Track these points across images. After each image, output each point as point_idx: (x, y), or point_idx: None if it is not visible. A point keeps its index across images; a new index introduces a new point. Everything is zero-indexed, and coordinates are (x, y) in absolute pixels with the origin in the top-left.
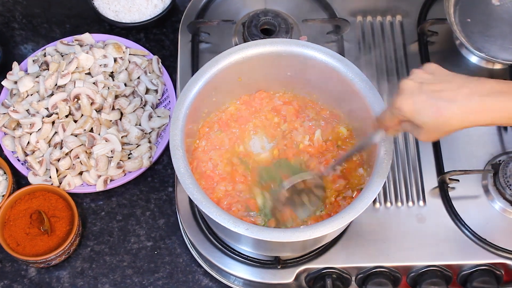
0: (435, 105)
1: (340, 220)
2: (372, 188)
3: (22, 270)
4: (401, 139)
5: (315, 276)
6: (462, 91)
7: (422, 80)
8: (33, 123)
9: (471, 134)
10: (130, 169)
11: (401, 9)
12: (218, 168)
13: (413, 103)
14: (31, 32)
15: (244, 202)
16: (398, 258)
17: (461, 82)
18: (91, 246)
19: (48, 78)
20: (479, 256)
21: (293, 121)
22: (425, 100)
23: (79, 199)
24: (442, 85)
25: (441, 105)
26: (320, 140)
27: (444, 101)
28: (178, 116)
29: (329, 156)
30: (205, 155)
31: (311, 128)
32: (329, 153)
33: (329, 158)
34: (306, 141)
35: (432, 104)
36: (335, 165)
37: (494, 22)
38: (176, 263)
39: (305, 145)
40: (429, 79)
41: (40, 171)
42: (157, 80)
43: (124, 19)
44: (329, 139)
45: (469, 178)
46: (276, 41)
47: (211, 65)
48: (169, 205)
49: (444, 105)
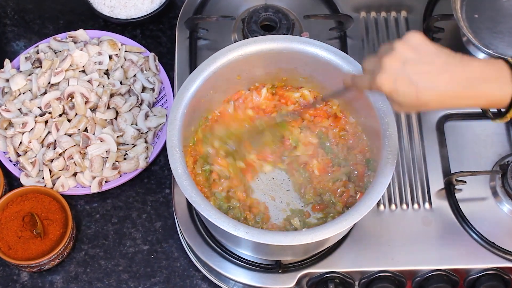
0: (415, 89)
1: (343, 223)
2: (376, 189)
3: (14, 274)
4: (406, 139)
5: (317, 280)
6: (442, 77)
7: (405, 59)
8: (25, 123)
9: (479, 134)
10: (125, 170)
11: (406, 5)
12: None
13: (394, 83)
14: (24, 29)
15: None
16: (403, 262)
17: (444, 64)
18: (86, 249)
19: (41, 76)
20: (487, 260)
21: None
22: (406, 83)
23: (73, 201)
24: (424, 67)
25: (420, 89)
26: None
27: (424, 85)
28: (175, 116)
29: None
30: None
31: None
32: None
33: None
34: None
35: (412, 88)
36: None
37: (502, 18)
38: (173, 267)
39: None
40: (412, 58)
41: (32, 172)
42: (153, 78)
43: (119, 15)
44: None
45: (477, 179)
46: (277, 37)
47: (210, 62)
48: (166, 207)
49: (423, 89)
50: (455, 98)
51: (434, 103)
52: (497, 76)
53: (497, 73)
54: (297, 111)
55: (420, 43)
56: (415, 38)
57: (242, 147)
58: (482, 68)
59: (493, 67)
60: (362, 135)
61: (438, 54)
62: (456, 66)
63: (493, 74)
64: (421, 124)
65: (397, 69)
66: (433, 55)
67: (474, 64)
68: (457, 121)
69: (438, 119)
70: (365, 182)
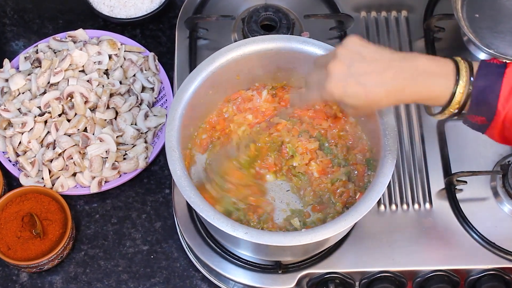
0: (363, 89)
1: (343, 223)
2: (376, 189)
3: (14, 275)
4: (407, 139)
5: (317, 281)
6: (387, 74)
7: (350, 62)
8: (24, 123)
9: (479, 134)
10: (125, 170)
11: (407, 4)
12: None
13: (343, 87)
14: (23, 28)
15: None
16: (403, 263)
17: (387, 62)
18: (85, 250)
19: (40, 76)
20: (488, 260)
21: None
22: (354, 85)
23: (72, 201)
24: (369, 66)
25: (369, 89)
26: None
27: (371, 84)
28: (174, 116)
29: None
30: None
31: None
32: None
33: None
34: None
35: (360, 88)
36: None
37: (503, 18)
38: (173, 267)
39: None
40: (357, 59)
41: (32, 172)
42: (153, 77)
43: (119, 15)
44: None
45: (477, 180)
46: (277, 37)
47: (209, 62)
48: (166, 207)
49: (371, 88)
50: (402, 93)
51: (384, 101)
52: (441, 72)
53: (442, 68)
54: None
55: (360, 45)
56: (353, 41)
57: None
58: (427, 63)
59: (438, 63)
60: (362, 135)
61: (380, 53)
62: (400, 61)
63: (437, 70)
64: (421, 123)
65: (343, 73)
66: (376, 54)
67: (419, 59)
68: (458, 121)
69: (439, 120)
70: (365, 182)
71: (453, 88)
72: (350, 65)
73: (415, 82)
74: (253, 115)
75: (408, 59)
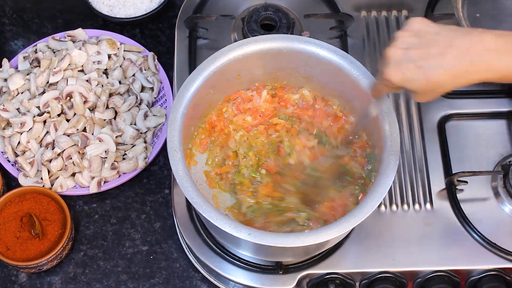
0: (423, 72)
1: (346, 224)
2: (379, 190)
3: (12, 275)
4: (408, 139)
5: (317, 281)
6: (449, 53)
7: (407, 45)
8: (23, 122)
9: (480, 134)
10: (124, 170)
11: (407, 4)
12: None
13: (401, 72)
14: (22, 28)
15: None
16: (404, 263)
17: (449, 40)
18: (84, 250)
19: (39, 76)
20: (489, 260)
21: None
22: (413, 68)
23: (71, 202)
24: (429, 49)
25: (428, 71)
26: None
27: (431, 66)
28: (175, 117)
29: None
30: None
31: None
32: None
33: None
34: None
35: (420, 71)
36: (347, 142)
37: (504, 18)
38: (172, 268)
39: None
40: (415, 43)
41: (31, 172)
42: (153, 77)
43: (118, 14)
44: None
45: (478, 180)
46: (277, 37)
47: (210, 62)
48: (166, 207)
49: (431, 70)
50: (467, 73)
51: (447, 83)
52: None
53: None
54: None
55: (421, 26)
56: (416, 23)
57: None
58: (495, 40)
59: (507, 39)
60: (363, 134)
61: (441, 33)
62: (463, 39)
63: (507, 46)
64: (422, 124)
65: (400, 57)
66: (435, 35)
67: (485, 36)
68: (459, 121)
69: (440, 119)
70: (366, 171)
71: None
72: (407, 48)
73: (483, 62)
74: (252, 117)
75: (473, 36)
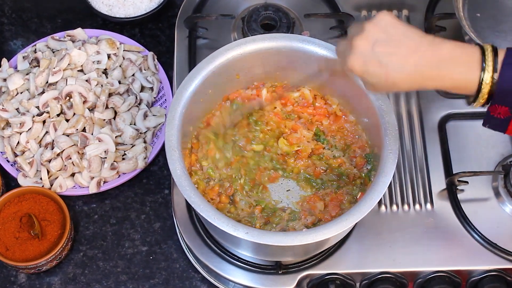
0: (385, 70)
1: (344, 223)
2: (378, 188)
3: (12, 276)
4: (408, 139)
5: (318, 282)
6: (410, 59)
7: (375, 40)
8: (23, 123)
9: (481, 134)
10: (124, 170)
11: (408, 3)
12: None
13: (364, 64)
14: (21, 27)
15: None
16: (404, 264)
17: (413, 45)
18: (84, 251)
19: (39, 75)
20: (489, 261)
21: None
22: (376, 64)
23: (71, 202)
24: (394, 48)
25: (390, 71)
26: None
27: (393, 66)
28: (174, 116)
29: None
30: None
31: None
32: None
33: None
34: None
35: (382, 69)
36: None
37: (505, 17)
38: (172, 268)
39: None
40: (382, 39)
41: (30, 173)
42: (152, 77)
43: (118, 14)
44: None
45: (479, 180)
46: (277, 36)
47: (209, 61)
48: (165, 208)
49: (392, 70)
50: (423, 79)
51: (403, 84)
52: (466, 60)
53: (467, 57)
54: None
55: (390, 24)
56: (385, 19)
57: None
58: (452, 50)
59: (464, 50)
60: (362, 133)
61: (408, 35)
62: (426, 47)
63: (462, 57)
64: (422, 123)
65: (367, 50)
66: (403, 36)
67: (445, 46)
68: (459, 121)
69: (440, 119)
70: (365, 171)
71: (479, 77)
72: (375, 43)
73: (438, 70)
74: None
75: (435, 44)
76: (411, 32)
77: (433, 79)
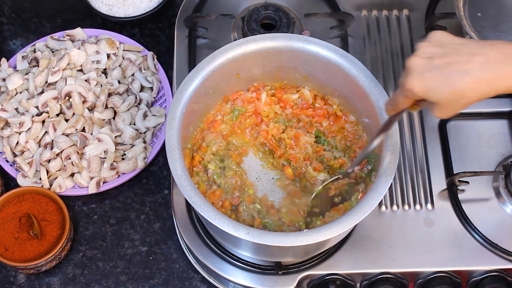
0: (447, 80)
1: (345, 223)
2: (378, 189)
3: (11, 276)
4: (408, 139)
5: (318, 282)
6: (475, 60)
7: (430, 55)
8: (22, 122)
9: (482, 134)
10: (124, 170)
11: (408, 3)
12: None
13: (424, 81)
14: (20, 27)
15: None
16: (405, 264)
17: (473, 49)
18: (83, 251)
19: (38, 75)
20: (490, 261)
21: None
22: (436, 77)
23: (70, 202)
24: (453, 57)
25: (453, 79)
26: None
27: (456, 74)
28: (174, 116)
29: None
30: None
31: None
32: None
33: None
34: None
35: (444, 79)
36: (356, 164)
37: (506, 17)
38: (172, 269)
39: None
40: (438, 53)
41: (29, 173)
42: (152, 77)
43: (117, 13)
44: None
45: (479, 180)
46: (277, 36)
47: (209, 61)
48: (165, 208)
49: (457, 78)
50: (493, 81)
51: (471, 91)
52: None
53: None
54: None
55: (444, 37)
56: (437, 34)
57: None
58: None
59: None
60: (363, 134)
61: (465, 43)
62: (488, 48)
63: None
64: (423, 124)
65: (423, 66)
66: (460, 45)
67: (506, 45)
68: (460, 121)
69: (441, 119)
70: (365, 172)
71: None
72: (430, 57)
73: (508, 65)
74: (251, 120)
75: (496, 45)
76: (467, 41)
77: (505, 76)
